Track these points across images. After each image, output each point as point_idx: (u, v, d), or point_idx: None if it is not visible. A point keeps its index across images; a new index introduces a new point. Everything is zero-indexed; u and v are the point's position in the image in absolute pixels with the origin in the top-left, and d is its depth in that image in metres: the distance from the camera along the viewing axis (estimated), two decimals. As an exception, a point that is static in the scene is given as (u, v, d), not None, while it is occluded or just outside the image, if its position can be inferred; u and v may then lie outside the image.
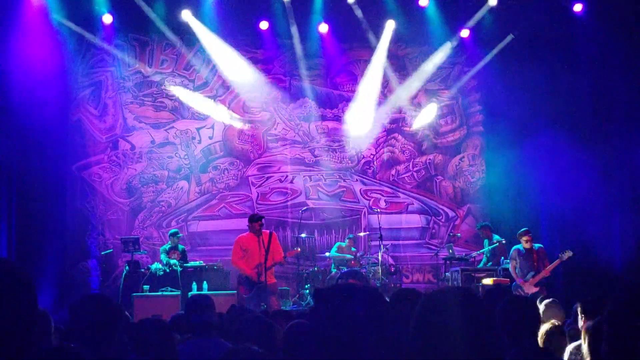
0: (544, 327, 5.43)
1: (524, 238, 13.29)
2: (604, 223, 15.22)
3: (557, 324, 5.67)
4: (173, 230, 15.02)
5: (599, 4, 15.55)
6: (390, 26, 16.69)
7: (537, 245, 13.48)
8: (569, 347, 5.41)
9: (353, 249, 15.60)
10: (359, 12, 16.25)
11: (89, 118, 16.52)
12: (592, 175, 15.01)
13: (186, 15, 15.98)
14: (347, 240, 15.72)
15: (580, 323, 5.63)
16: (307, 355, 2.77)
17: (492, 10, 16.11)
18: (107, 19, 15.85)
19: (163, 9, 15.90)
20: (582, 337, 4.72)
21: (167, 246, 14.70)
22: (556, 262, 13.21)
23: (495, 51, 16.72)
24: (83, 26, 15.91)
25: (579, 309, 5.78)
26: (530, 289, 12.83)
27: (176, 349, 4.89)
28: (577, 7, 15.75)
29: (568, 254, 13.20)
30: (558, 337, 5.51)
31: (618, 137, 15.53)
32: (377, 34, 16.84)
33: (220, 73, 16.81)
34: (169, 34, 16.32)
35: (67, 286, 15.23)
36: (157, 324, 4.85)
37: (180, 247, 14.77)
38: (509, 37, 16.54)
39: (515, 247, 13.50)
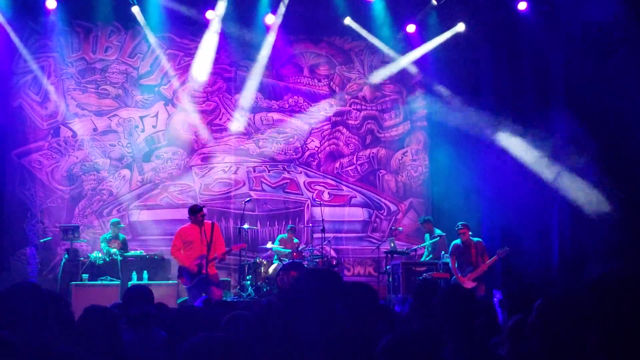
0: None
1: (461, 231, 13.47)
2: (543, 220, 15.42)
3: None
4: (114, 220, 14.91)
5: (543, 3, 15.72)
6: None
7: (476, 239, 13.66)
8: None
9: (295, 240, 15.61)
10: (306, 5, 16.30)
11: (30, 104, 16.22)
12: (532, 172, 15.24)
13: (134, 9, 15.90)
14: (287, 232, 15.74)
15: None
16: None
17: (437, 6, 16.22)
18: (51, 4, 15.57)
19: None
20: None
21: (107, 235, 14.60)
22: (494, 258, 13.42)
23: (444, 36, 16.77)
24: (26, 10, 15.66)
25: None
26: (468, 284, 12.97)
27: (121, 339, 4.82)
28: (522, 6, 15.93)
29: (505, 250, 13.43)
30: None
31: (559, 132, 15.61)
32: (324, 27, 16.88)
33: (164, 61, 16.69)
34: (114, 20, 16.15)
35: (4, 273, 14.97)
36: (104, 313, 4.78)
37: (121, 236, 14.66)
38: (460, 26, 16.57)
39: (454, 242, 13.67)
